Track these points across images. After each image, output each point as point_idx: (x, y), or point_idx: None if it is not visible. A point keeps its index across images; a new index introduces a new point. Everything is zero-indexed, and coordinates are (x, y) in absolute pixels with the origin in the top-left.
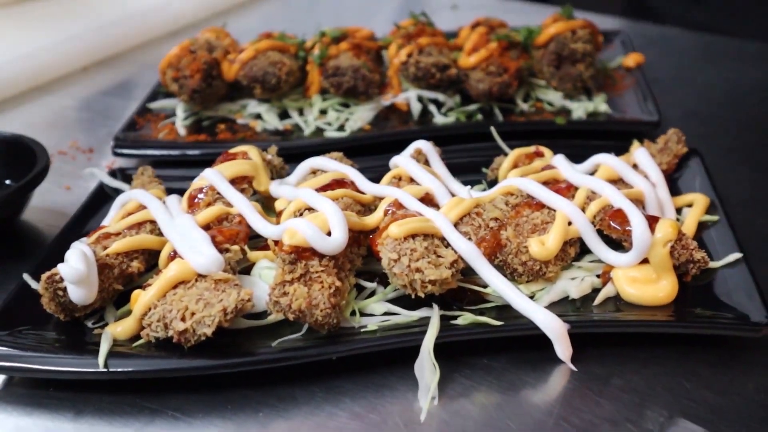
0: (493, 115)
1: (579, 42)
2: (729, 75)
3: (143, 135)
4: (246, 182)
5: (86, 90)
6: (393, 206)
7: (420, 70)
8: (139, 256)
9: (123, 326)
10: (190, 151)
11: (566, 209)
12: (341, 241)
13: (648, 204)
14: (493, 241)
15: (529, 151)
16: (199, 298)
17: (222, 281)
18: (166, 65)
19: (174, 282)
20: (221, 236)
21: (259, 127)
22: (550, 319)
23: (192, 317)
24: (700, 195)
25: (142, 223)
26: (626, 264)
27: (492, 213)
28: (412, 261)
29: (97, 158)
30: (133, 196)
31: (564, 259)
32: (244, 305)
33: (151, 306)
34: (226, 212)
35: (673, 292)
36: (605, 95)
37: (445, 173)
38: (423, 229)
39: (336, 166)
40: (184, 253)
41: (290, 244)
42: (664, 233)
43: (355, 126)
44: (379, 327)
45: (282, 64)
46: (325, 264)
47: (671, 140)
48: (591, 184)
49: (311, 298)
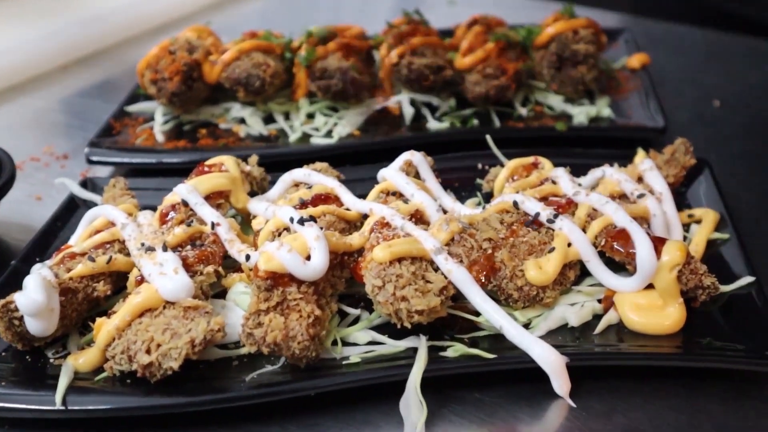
0: (490, 119)
1: (581, 43)
2: (738, 75)
3: (119, 141)
4: (222, 197)
5: (64, 91)
6: (379, 225)
7: (413, 72)
8: (106, 278)
9: (85, 357)
10: (168, 158)
11: (566, 229)
12: (322, 267)
13: (654, 222)
14: (487, 265)
15: (526, 162)
16: (165, 327)
17: (191, 309)
18: (144, 67)
19: (140, 310)
20: (193, 258)
21: (243, 133)
22: (547, 353)
23: (158, 349)
24: (709, 211)
25: (110, 241)
26: (630, 289)
27: (485, 233)
28: (397, 288)
29: (72, 165)
30: (101, 212)
31: (563, 284)
32: (213, 336)
33: (115, 336)
34: (199, 231)
35: (680, 320)
36: (608, 98)
37: (437, 187)
38: (410, 252)
39: (320, 179)
40: (151, 277)
41: (266, 269)
42: (672, 257)
43: (343, 132)
44: (362, 359)
45: (266, 66)
46: (304, 291)
47: (678, 151)
48: (593, 200)
49: (288, 329)
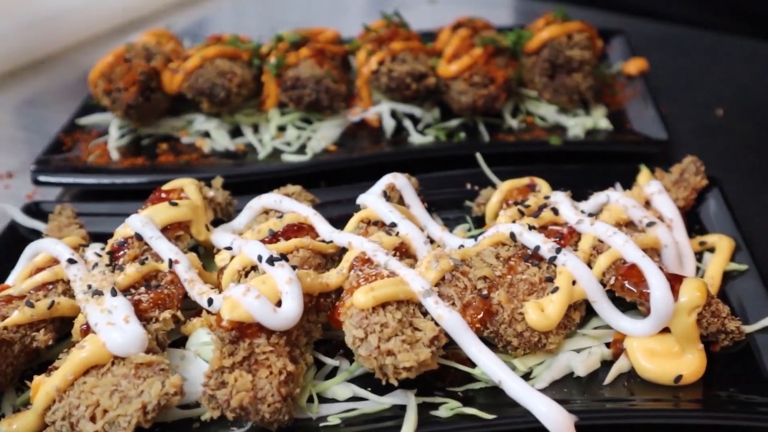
0: (477, 132)
1: (576, 48)
2: (740, 81)
3: (70, 158)
4: (182, 229)
5: (10, 99)
6: (360, 262)
7: (393, 81)
8: (47, 325)
9: (20, 422)
10: (123, 179)
11: (570, 265)
12: (295, 315)
13: (665, 253)
14: (482, 308)
15: (521, 183)
16: (114, 389)
17: (144, 365)
18: (97, 76)
19: (84, 367)
20: (147, 302)
21: (207, 147)
22: (554, 412)
23: (104, 416)
24: (723, 237)
25: (53, 282)
26: (643, 334)
27: (480, 270)
28: (382, 340)
29: (18, 186)
30: (43, 247)
31: (567, 326)
32: (169, 400)
33: (56, 398)
34: (155, 270)
35: (700, 368)
36: (604, 108)
37: (423, 214)
38: (396, 296)
39: (292, 206)
40: (98, 327)
41: (230, 319)
42: (690, 298)
43: (318, 147)
44: (342, 420)
45: (233, 75)
46: (275, 342)
47: (688, 171)
48: (598, 231)
49: (256, 389)
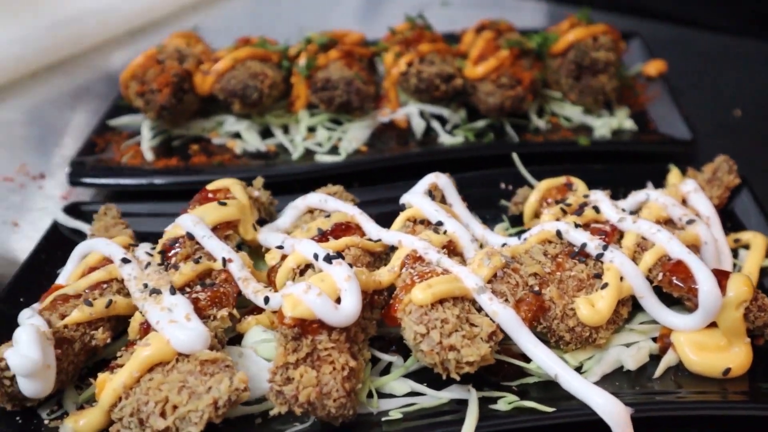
0: (504, 132)
1: (601, 50)
2: (756, 82)
3: (103, 159)
4: (231, 228)
5: (35, 100)
6: (411, 260)
7: (422, 82)
8: (105, 324)
9: (87, 419)
10: (160, 179)
11: (617, 262)
12: (355, 311)
13: (704, 250)
14: (535, 304)
15: (558, 183)
16: (182, 385)
17: (209, 362)
18: (130, 77)
19: (149, 364)
20: (205, 300)
21: (238, 149)
22: (610, 404)
23: (174, 412)
24: (757, 234)
25: (107, 281)
26: (691, 328)
27: (530, 267)
28: (443, 336)
29: (50, 186)
30: (94, 246)
31: (616, 322)
32: (239, 396)
33: (122, 395)
34: (209, 268)
35: (747, 361)
36: (627, 109)
37: (465, 212)
38: (452, 292)
39: (337, 205)
40: (160, 325)
41: (293, 316)
42: (737, 293)
43: (350, 147)
44: (403, 414)
45: (264, 76)
46: (336, 338)
47: (721, 169)
48: (642, 229)
49: (321, 385)
